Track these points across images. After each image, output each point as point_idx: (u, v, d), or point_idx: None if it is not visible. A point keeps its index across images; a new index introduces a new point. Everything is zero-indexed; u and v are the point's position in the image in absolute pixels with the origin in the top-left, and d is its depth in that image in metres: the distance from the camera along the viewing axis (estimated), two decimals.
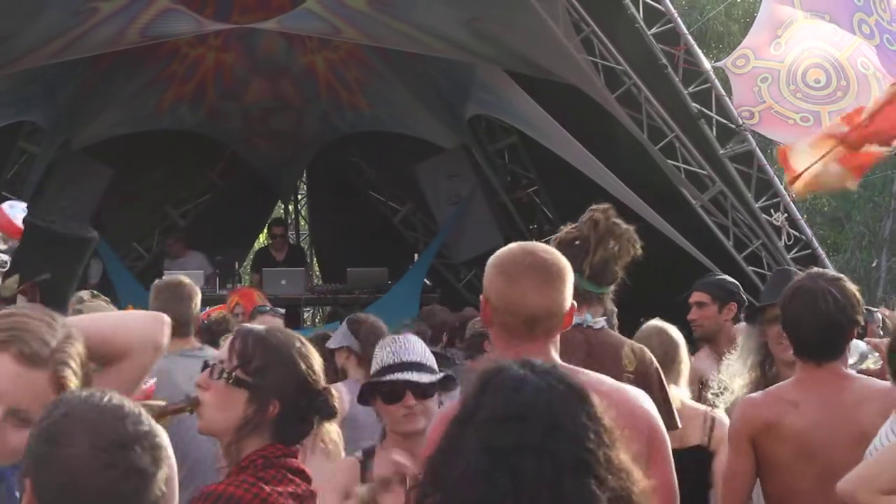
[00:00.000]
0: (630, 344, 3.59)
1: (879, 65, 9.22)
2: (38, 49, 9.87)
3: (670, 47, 9.57)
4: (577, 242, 3.51)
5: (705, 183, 9.87)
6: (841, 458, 3.18)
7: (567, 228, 3.56)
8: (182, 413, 2.66)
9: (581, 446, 1.69)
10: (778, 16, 9.57)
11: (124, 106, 12.54)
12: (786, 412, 3.43)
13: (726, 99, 9.64)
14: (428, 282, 12.44)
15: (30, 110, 11.40)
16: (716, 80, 9.69)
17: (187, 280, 4.96)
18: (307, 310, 14.89)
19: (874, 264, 20.79)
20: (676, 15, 9.62)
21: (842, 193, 20.31)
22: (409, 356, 3.49)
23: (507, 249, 2.76)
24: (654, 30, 9.51)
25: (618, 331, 3.88)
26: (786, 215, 9.80)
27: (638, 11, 9.45)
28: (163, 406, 2.61)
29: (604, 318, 3.59)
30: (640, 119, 9.70)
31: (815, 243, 9.96)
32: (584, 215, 3.55)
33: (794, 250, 9.73)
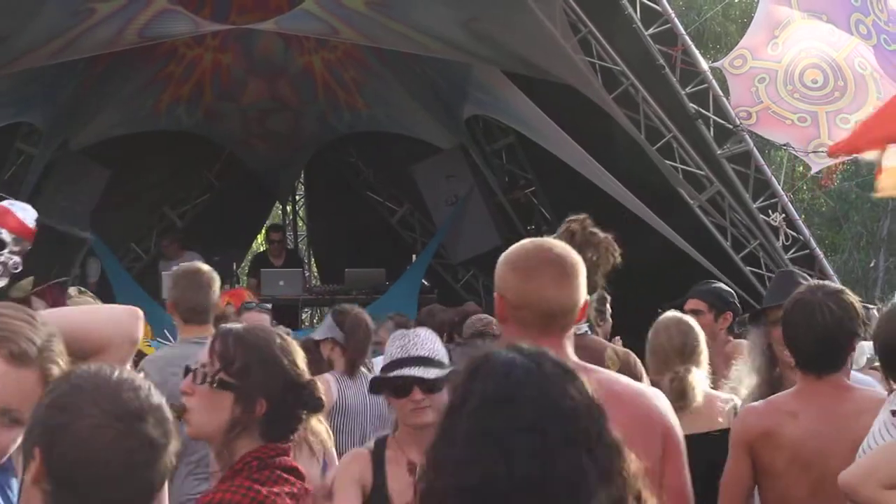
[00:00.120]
0: (613, 347, 3.63)
1: (877, 65, 9.24)
2: (36, 49, 9.86)
3: (668, 48, 9.57)
4: None
5: (703, 183, 9.87)
6: (837, 468, 3.18)
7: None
8: None
9: (572, 423, 1.70)
10: (775, 16, 9.59)
11: (122, 107, 12.54)
12: (784, 422, 3.45)
13: (724, 99, 9.64)
14: (426, 282, 12.42)
15: (29, 111, 11.37)
16: (713, 81, 9.69)
17: (206, 267, 4.85)
18: (305, 311, 14.89)
19: (872, 264, 20.80)
20: (674, 15, 9.61)
21: (840, 194, 20.40)
22: (417, 351, 3.51)
23: (519, 246, 2.72)
24: (651, 30, 9.51)
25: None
26: (783, 215, 9.80)
27: (635, 12, 9.45)
28: None
29: (586, 324, 3.62)
30: (637, 119, 9.70)
31: (813, 243, 9.96)
32: (560, 227, 3.51)
33: (791, 250, 9.72)
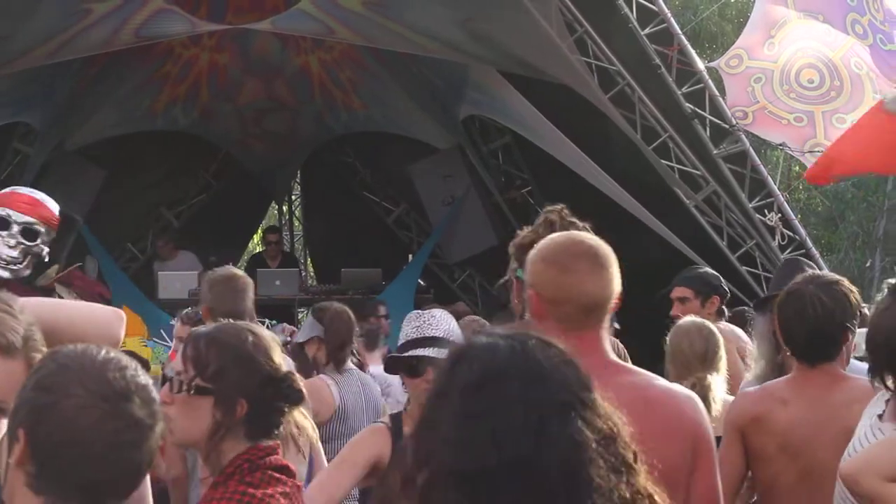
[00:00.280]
0: None
1: (873, 65, 9.25)
2: (32, 50, 9.85)
3: (664, 47, 9.58)
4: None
5: (699, 183, 9.87)
6: (825, 456, 3.23)
7: (524, 232, 3.44)
8: None
9: (564, 390, 1.66)
10: (771, 16, 9.59)
11: (118, 107, 12.52)
12: (775, 408, 3.49)
13: (720, 99, 9.64)
14: (422, 282, 12.42)
15: (26, 111, 11.35)
16: (709, 81, 9.69)
17: (241, 272, 4.78)
18: (301, 310, 14.87)
19: (868, 264, 20.80)
20: (670, 15, 9.61)
21: (835, 193, 20.42)
22: (431, 331, 3.61)
23: (549, 240, 2.67)
24: (647, 30, 9.52)
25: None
26: (779, 215, 9.80)
27: (631, 12, 9.45)
28: None
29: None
30: (633, 119, 9.70)
31: (809, 243, 9.96)
32: (538, 217, 3.48)
33: (787, 250, 9.72)
